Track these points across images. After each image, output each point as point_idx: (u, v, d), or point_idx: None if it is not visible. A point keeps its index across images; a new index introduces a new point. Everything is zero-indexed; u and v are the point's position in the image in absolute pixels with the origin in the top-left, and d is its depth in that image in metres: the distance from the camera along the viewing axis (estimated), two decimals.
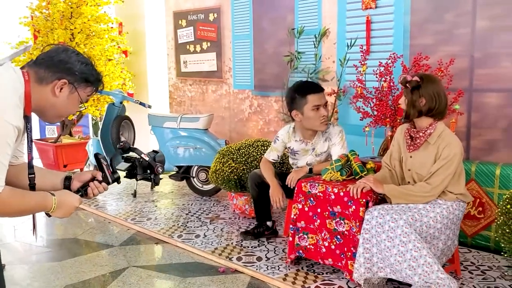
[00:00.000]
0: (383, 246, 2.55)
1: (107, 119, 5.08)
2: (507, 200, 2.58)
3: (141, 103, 5.18)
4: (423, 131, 2.72)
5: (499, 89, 3.43)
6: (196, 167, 4.90)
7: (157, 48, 6.71)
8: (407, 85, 2.70)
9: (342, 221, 2.91)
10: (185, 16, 5.86)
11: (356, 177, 3.11)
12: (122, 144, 2.02)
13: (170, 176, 4.99)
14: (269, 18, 4.92)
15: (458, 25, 3.56)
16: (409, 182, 2.83)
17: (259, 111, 5.21)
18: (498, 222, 2.61)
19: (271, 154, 3.53)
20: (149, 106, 5.26)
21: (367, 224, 2.65)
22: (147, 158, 1.99)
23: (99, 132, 5.07)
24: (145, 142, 6.31)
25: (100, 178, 1.81)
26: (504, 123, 3.42)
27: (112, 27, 6.25)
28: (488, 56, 3.44)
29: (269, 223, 3.63)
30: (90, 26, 5.99)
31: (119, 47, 6.40)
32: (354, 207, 2.83)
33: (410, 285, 2.54)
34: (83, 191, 1.79)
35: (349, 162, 3.19)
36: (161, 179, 2.01)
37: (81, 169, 6.17)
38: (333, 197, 2.93)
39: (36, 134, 7.76)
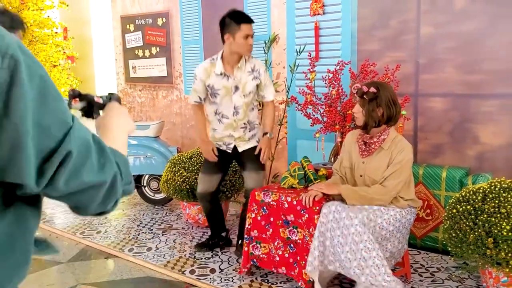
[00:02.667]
0: (336, 242, 2.59)
1: None
2: (453, 204, 2.65)
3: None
4: (377, 137, 2.76)
5: (443, 94, 3.53)
6: (147, 176, 4.78)
7: (105, 53, 6.53)
8: (364, 96, 2.72)
9: (295, 230, 2.90)
10: (133, 20, 5.72)
11: (310, 185, 3.12)
12: (71, 92, 1.91)
13: None
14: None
15: (403, 32, 3.64)
16: (351, 180, 2.88)
17: None
18: (445, 227, 2.68)
19: (192, 97, 3.40)
20: (98, 113, 5.07)
21: (323, 218, 2.68)
22: (101, 101, 1.90)
23: None
24: None
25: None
26: (449, 126, 3.52)
27: (56, 32, 6.02)
28: (432, 61, 3.54)
29: (223, 234, 3.60)
30: (32, 32, 5.74)
31: (64, 52, 6.17)
32: (307, 215, 2.83)
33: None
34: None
35: (304, 169, 3.20)
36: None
37: None
38: (286, 205, 2.92)
39: None
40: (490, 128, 3.35)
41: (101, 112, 1.35)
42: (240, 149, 3.36)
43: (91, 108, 1.30)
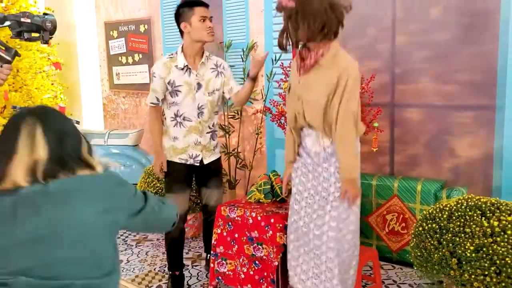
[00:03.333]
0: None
1: None
2: (420, 222, 2.56)
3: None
4: (315, 51, 2.36)
5: (419, 105, 3.44)
6: None
7: (90, 60, 6.46)
8: (283, 12, 2.36)
9: (260, 246, 2.82)
10: (116, 27, 5.66)
11: (277, 199, 3.04)
12: None
13: None
14: None
15: (379, 40, 3.56)
16: (297, 115, 2.49)
17: None
18: (411, 245, 2.59)
19: (149, 97, 3.00)
20: (77, 122, 4.97)
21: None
22: (28, 20, 1.92)
23: None
24: None
25: None
26: (425, 138, 3.43)
27: None
28: (408, 71, 3.45)
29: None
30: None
31: (49, 59, 6.12)
32: (271, 232, 2.75)
33: None
34: None
35: (271, 184, 3.12)
36: (51, 37, 1.91)
37: None
38: (251, 221, 2.84)
39: None
40: (466, 140, 3.26)
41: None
42: (205, 161, 3.04)
43: None
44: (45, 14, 1.94)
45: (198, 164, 3.04)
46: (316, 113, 2.40)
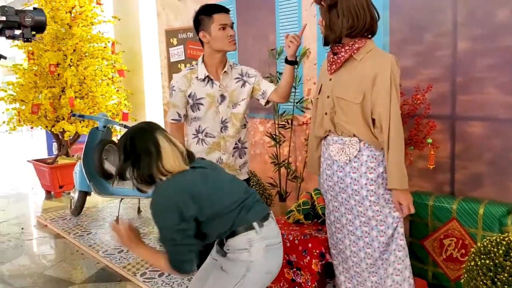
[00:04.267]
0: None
1: (90, 144, 4.97)
2: (472, 256, 2.26)
3: (125, 127, 5.04)
4: (349, 45, 2.23)
5: (483, 117, 3.08)
6: None
7: (153, 67, 6.61)
8: (322, 3, 2.25)
9: (298, 272, 2.65)
10: (176, 34, 5.71)
11: (319, 220, 2.84)
12: None
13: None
14: (252, 37, 4.70)
15: (439, 47, 3.23)
16: (324, 117, 2.33)
17: None
18: (462, 280, 2.30)
19: (171, 114, 2.73)
20: None
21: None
22: (3, 18, 1.82)
23: (82, 156, 4.96)
24: None
25: None
26: (489, 155, 3.07)
27: (105, 47, 6.17)
28: (471, 81, 3.10)
29: None
30: (81, 47, 5.92)
31: (114, 66, 6.32)
32: (308, 257, 2.57)
33: None
34: None
35: (313, 203, 2.94)
36: (34, 34, 1.78)
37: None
38: (288, 244, 2.68)
39: (43, 152, 7.82)
40: None
41: None
42: None
43: None
44: (34, 9, 1.81)
45: None
46: (351, 113, 2.22)
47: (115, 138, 5.77)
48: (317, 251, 2.53)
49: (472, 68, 3.09)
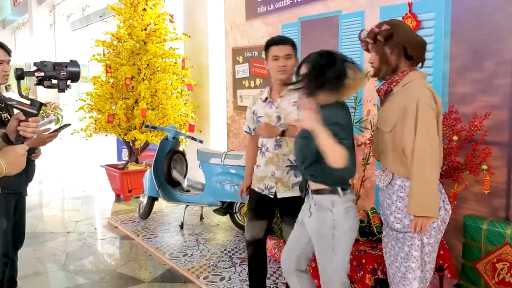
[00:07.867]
0: None
1: (160, 153, 5.36)
2: None
3: (192, 138, 5.40)
4: (391, 78, 2.32)
5: None
6: (238, 203, 4.99)
7: (219, 82, 6.96)
8: (378, 37, 2.30)
9: (352, 285, 2.82)
10: (242, 52, 6.03)
11: (374, 238, 3.00)
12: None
13: (214, 211, 5.13)
14: None
15: (499, 74, 3.32)
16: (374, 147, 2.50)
17: None
18: None
19: (245, 126, 3.31)
20: (201, 141, 5.47)
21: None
22: (41, 74, 1.97)
23: (152, 165, 5.36)
24: (201, 175, 6.53)
25: (23, 117, 1.82)
26: None
27: (176, 62, 6.60)
28: None
29: None
30: (154, 62, 6.39)
31: (183, 80, 6.74)
32: (362, 272, 2.74)
33: None
34: (19, 138, 1.81)
35: (369, 221, 3.10)
36: (68, 86, 1.97)
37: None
38: None
39: (113, 158, 8.37)
40: None
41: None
42: (279, 195, 3.01)
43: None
44: (70, 61, 2.02)
45: (272, 196, 3.05)
46: (382, 142, 2.36)
47: (180, 148, 6.14)
48: (371, 267, 2.69)
49: None
